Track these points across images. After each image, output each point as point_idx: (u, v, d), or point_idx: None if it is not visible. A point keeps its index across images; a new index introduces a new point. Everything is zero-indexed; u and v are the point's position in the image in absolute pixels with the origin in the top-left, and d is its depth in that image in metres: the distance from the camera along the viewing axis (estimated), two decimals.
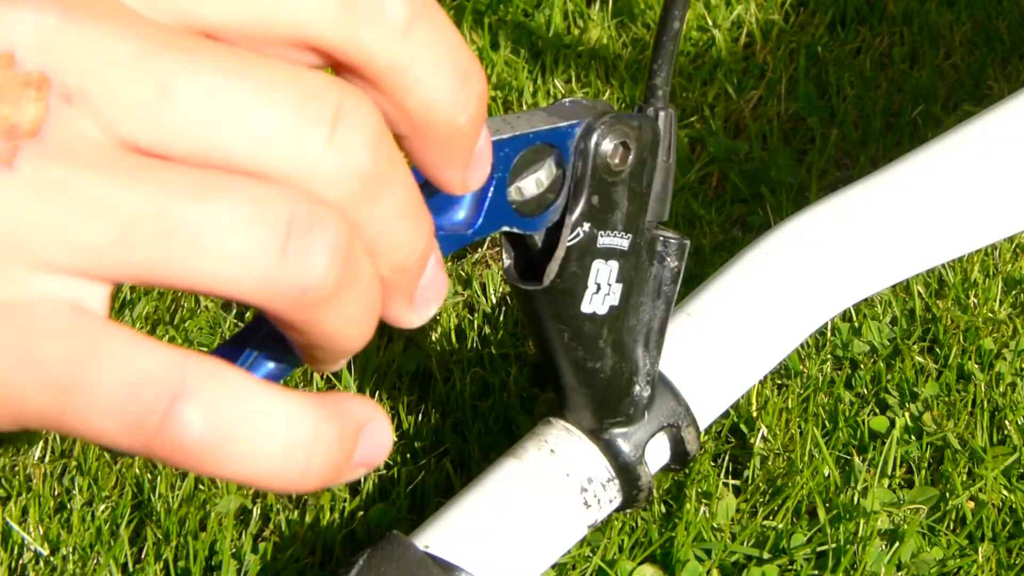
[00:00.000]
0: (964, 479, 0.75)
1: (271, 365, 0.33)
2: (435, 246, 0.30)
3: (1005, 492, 0.74)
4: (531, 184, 0.50)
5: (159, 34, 0.25)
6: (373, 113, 0.26)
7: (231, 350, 0.33)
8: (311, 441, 0.26)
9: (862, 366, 0.82)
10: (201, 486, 0.74)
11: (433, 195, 0.46)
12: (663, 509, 0.73)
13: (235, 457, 0.25)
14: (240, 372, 0.25)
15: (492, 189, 0.47)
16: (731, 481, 0.75)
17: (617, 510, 0.64)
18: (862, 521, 0.71)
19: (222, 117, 0.25)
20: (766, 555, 0.71)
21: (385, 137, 0.27)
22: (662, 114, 0.56)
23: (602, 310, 0.56)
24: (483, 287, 0.87)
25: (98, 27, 0.24)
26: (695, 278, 0.79)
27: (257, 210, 0.25)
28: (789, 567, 0.71)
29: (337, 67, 0.27)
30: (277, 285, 0.25)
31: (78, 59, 0.24)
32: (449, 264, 0.90)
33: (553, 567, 0.68)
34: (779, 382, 0.81)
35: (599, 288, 0.55)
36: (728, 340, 0.67)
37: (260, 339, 0.33)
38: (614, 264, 0.55)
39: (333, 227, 0.25)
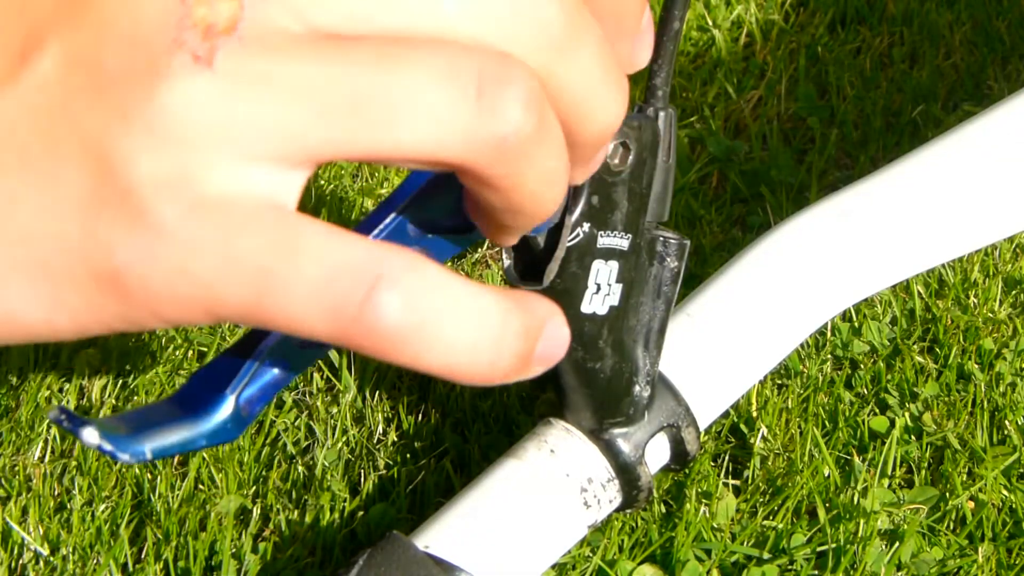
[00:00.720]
0: (964, 479, 0.75)
1: (274, 372, 0.33)
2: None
3: (1005, 492, 0.74)
4: None
5: None
6: None
7: (229, 361, 0.33)
8: (501, 332, 0.27)
9: (862, 366, 0.82)
10: (201, 486, 0.74)
11: (431, 198, 0.46)
12: (663, 509, 0.73)
13: (431, 345, 0.26)
14: (437, 265, 0.26)
15: None
16: (731, 481, 0.75)
17: (617, 510, 0.64)
18: (862, 521, 0.71)
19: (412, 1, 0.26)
20: (766, 555, 0.71)
21: None
22: (662, 114, 0.56)
23: (602, 310, 0.56)
24: None
25: None
26: (695, 278, 0.79)
27: (446, 69, 0.25)
28: (789, 567, 0.71)
29: None
30: (476, 137, 0.26)
31: None
32: (449, 264, 0.90)
33: (553, 567, 0.68)
34: (779, 382, 0.81)
35: (599, 288, 0.55)
36: (728, 340, 0.67)
37: (260, 352, 0.33)
38: (614, 264, 0.55)
39: (524, 78, 0.26)
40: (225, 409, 0.32)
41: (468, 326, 0.26)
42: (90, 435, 0.27)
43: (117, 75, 0.25)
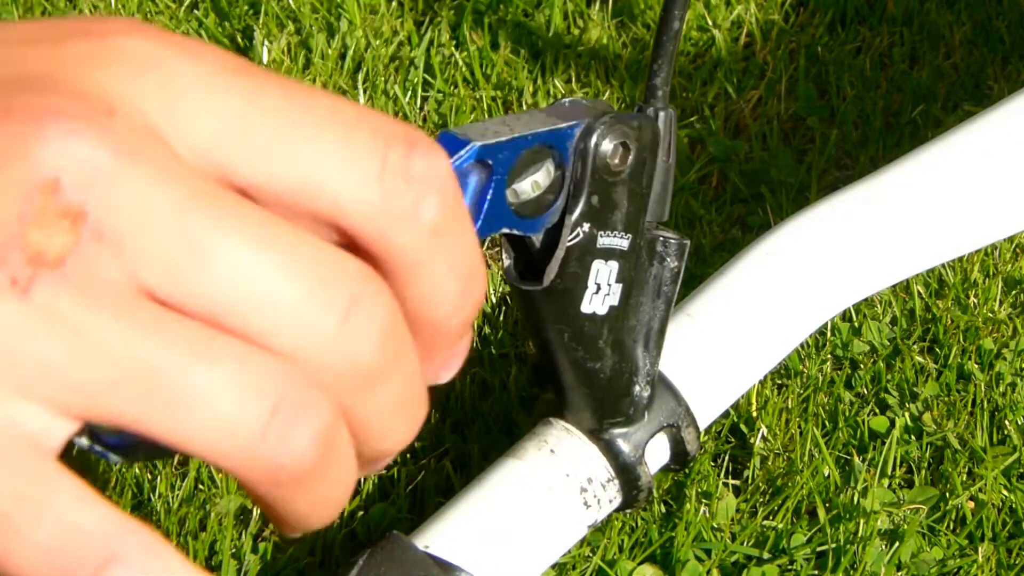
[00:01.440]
0: (964, 479, 0.75)
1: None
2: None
3: (1005, 492, 0.74)
4: (530, 186, 0.50)
5: (200, 189, 0.25)
6: (389, 307, 0.27)
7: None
8: None
9: (862, 366, 0.82)
10: (201, 486, 0.74)
11: None
12: (663, 509, 0.73)
13: None
14: (173, 551, 0.26)
15: (491, 191, 0.47)
16: (731, 481, 0.75)
17: (617, 510, 0.64)
18: (862, 521, 0.71)
19: (243, 285, 0.25)
20: (766, 555, 0.71)
21: (397, 332, 0.27)
22: (662, 114, 0.56)
23: (602, 310, 0.56)
24: None
25: (144, 173, 0.25)
26: (695, 278, 0.79)
27: (250, 380, 0.25)
28: (789, 567, 0.71)
29: (354, 247, 0.28)
30: (253, 458, 0.25)
31: (118, 201, 0.24)
32: None
33: (553, 567, 0.68)
34: (779, 382, 0.81)
35: (599, 288, 0.55)
36: (728, 340, 0.67)
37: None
38: (614, 264, 0.55)
39: (321, 413, 0.26)
40: None
41: None
42: (82, 438, 0.27)
43: None
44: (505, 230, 0.49)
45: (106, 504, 0.25)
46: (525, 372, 0.80)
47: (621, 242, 0.55)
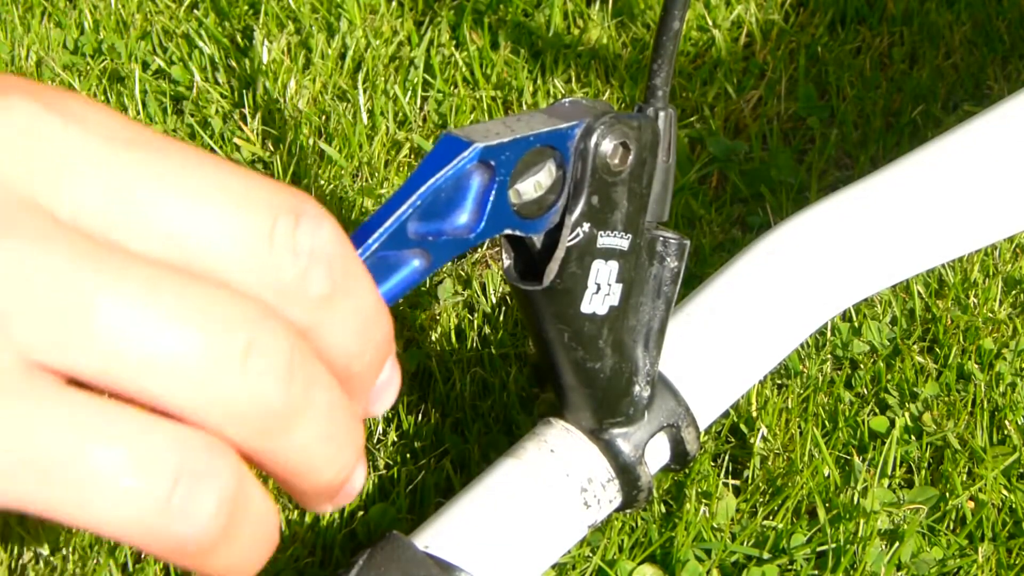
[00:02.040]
0: (964, 479, 0.75)
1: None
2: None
3: (1005, 492, 0.74)
4: (532, 186, 0.50)
5: (80, 252, 0.25)
6: (290, 343, 0.26)
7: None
8: None
9: (862, 366, 0.82)
10: None
11: (436, 199, 0.46)
12: (663, 509, 0.73)
13: None
14: None
15: (493, 193, 0.47)
16: (731, 481, 0.75)
17: (617, 510, 0.64)
18: (862, 521, 0.71)
19: (132, 343, 0.25)
20: (766, 555, 0.71)
21: (304, 366, 0.27)
22: (662, 114, 0.56)
23: (602, 310, 0.56)
24: (483, 287, 0.87)
25: (19, 247, 0.24)
26: (695, 278, 0.79)
27: (146, 456, 0.25)
28: (789, 567, 0.71)
29: None
30: (158, 533, 0.25)
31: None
32: (449, 264, 0.90)
33: (553, 567, 0.68)
34: (779, 382, 0.81)
35: (599, 288, 0.55)
36: (728, 340, 0.67)
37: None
38: (614, 264, 0.55)
39: (221, 479, 0.25)
40: None
41: None
42: None
43: None
44: (507, 231, 0.49)
45: None
46: (525, 372, 0.80)
47: (621, 242, 0.55)
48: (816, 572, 0.70)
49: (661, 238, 0.58)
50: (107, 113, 0.26)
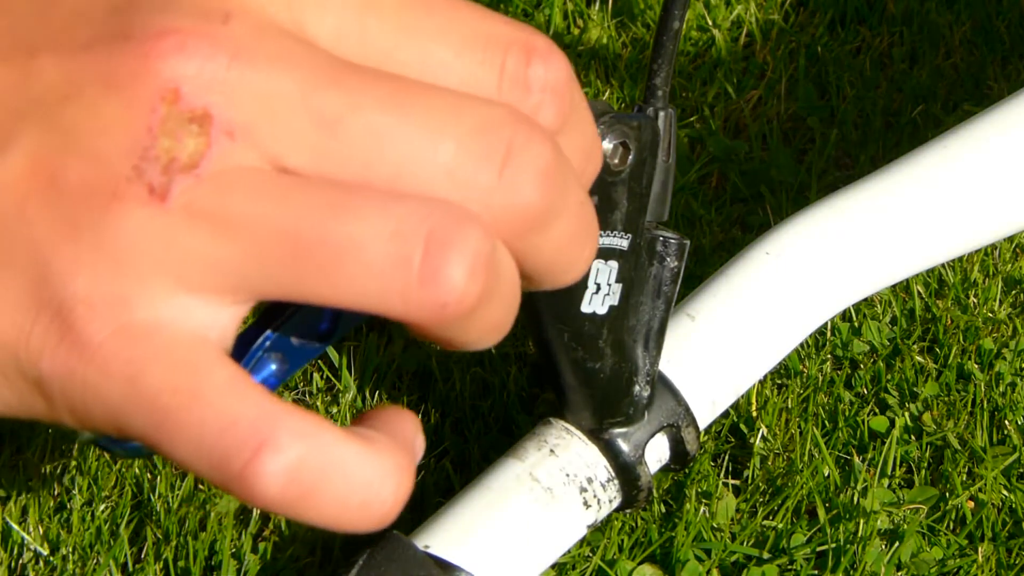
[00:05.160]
0: (964, 479, 0.75)
1: (271, 367, 0.33)
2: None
3: (1005, 492, 0.74)
4: None
5: (327, 67, 0.26)
6: (547, 146, 0.26)
7: (244, 335, 0.33)
8: (390, 489, 0.27)
9: (862, 366, 0.82)
10: (201, 486, 0.74)
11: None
12: (663, 509, 0.73)
13: (315, 508, 0.26)
14: (330, 429, 0.26)
15: None
16: (731, 481, 0.75)
17: (617, 510, 0.64)
18: (862, 521, 0.71)
19: (387, 153, 0.25)
20: (766, 555, 0.71)
21: (559, 168, 0.27)
22: (662, 114, 0.56)
23: (602, 310, 0.56)
24: None
25: (265, 64, 0.25)
26: (695, 278, 0.79)
27: (395, 225, 0.25)
28: (789, 567, 0.71)
29: None
30: (415, 300, 0.25)
31: (242, 97, 0.25)
32: None
33: (553, 567, 0.68)
34: (779, 382, 0.81)
35: (599, 288, 0.55)
36: (728, 340, 0.67)
37: (256, 350, 0.33)
38: (614, 264, 0.55)
39: (473, 242, 0.25)
40: None
41: (357, 490, 0.26)
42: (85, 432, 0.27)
43: (76, 187, 0.25)
44: None
45: (264, 394, 0.26)
46: (525, 372, 0.80)
47: (621, 242, 0.55)
48: (816, 572, 0.70)
49: (661, 238, 0.58)
50: None
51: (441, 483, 0.74)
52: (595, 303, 0.56)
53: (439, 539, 0.59)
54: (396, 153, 0.25)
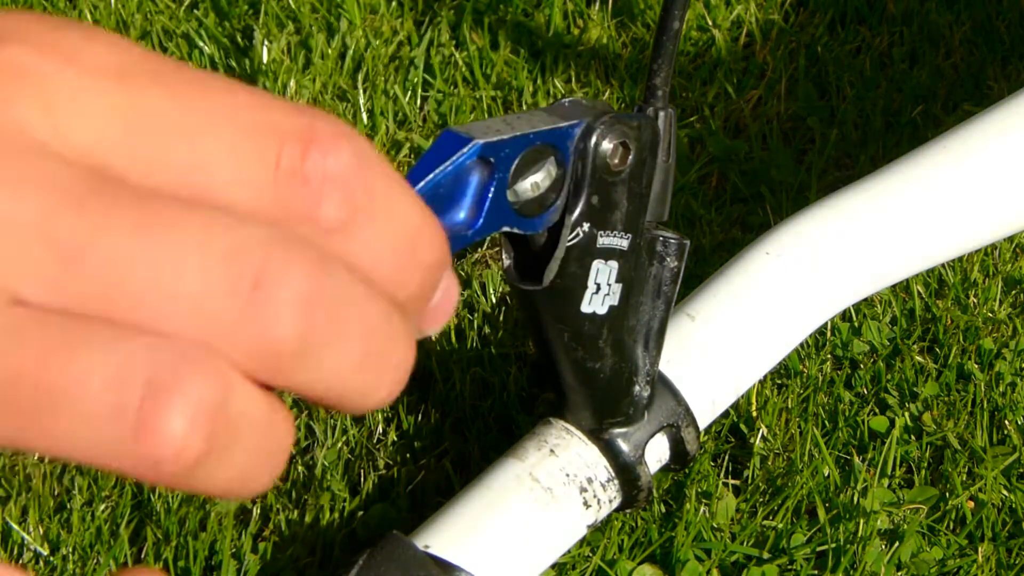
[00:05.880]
0: (964, 479, 0.75)
1: None
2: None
3: (1005, 492, 0.74)
4: (531, 185, 0.50)
5: (73, 189, 0.23)
6: (306, 272, 0.24)
7: None
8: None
9: (862, 366, 0.82)
10: None
11: (435, 195, 0.46)
12: (663, 509, 0.73)
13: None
14: None
15: (493, 190, 0.47)
16: (731, 481, 0.75)
17: (617, 510, 0.64)
18: (862, 521, 0.71)
19: (127, 284, 0.23)
20: (766, 555, 0.71)
21: (323, 296, 0.24)
22: (662, 114, 0.56)
23: (602, 310, 0.56)
24: (483, 287, 0.87)
25: (5, 191, 0.23)
26: (695, 278, 0.79)
27: (115, 370, 0.23)
28: (789, 567, 0.71)
29: None
30: (127, 456, 0.23)
31: None
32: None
33: (553, 567, 0.68)
34: (779, 382, 0.81)
35: (599, 288, 0.55)
36: (728, 340, 0.67)
37: None
38: (614, 264, 0.55)
39: (198, 391, 0.23)
40: None
41: None
42: None
43: None
44: (506, 228, 0.49)
45: None
46: (525, 372, 0.80)
47: (621, 242, 0.55)
48: (816, 572, 0.70)
49: (661, 238, 0.58)
50: (107, 43, 0.25)
51: (441, 483, 0.74)
52: (595, 303, 0.56)
53: (439, 539, 0.59)
54: (137, 285, 0.23)
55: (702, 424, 0.65)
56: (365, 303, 0.25)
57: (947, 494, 0.74)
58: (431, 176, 0.46)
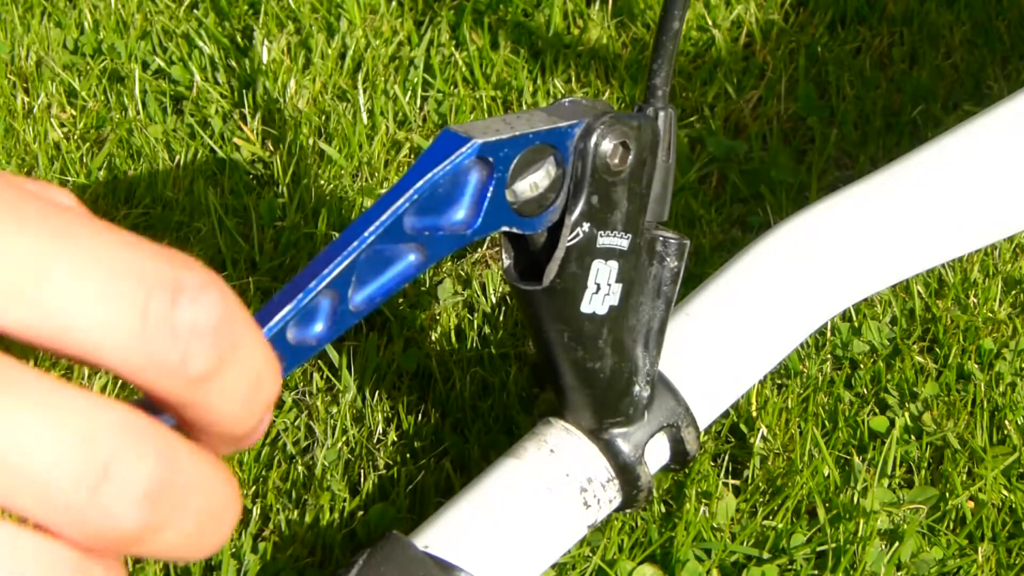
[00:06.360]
0: (964, 479, 0.75)
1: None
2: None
3: (1005, 492, 0.74)
4: (530, 184, 0.50)
5: None
6: (153, 461, 0.24)
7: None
8: None
9: (862, 366, 0.82)
10: None
11: (434, 194, 0.46)
12: (663, 509, 0.73)
13: None
14: None
15: (492, 189, 0.47)
16: (731, 481, 0.75)
17: (617, 510, 0.64)
18: (862, 521, 0.71)
19: None
20: (766, 555, 0.71)
21: (172, 480, 0.25)
22: (662, 114, 0.56)
23: (602, 310, 0.56)
24: (483, 287, 0.87)
25: None
26: (695, 278, 0.79)
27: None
28: (789, 567, 0.71)
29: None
30: None
31: None
32: (449, 264, 0.90)
33: (553, 567, 0.68)
34: (779, 382, 0.81)
35: (599, 288, 0.55)
36: (728, 340, 0.67)
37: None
38: (614, 264, 0.55)
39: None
40: None
41: None
42: None
43: None
44: (505, 228, 0.49)
45: None
46: (525, 372, 0.80)
47: (621, 242, 0.55)
48: (816, 572, 0.70)
49: (661, 238, 0.58)
50: None
51: (441, 483, 0.74)
52: (595, 303, 0.56)
53: (439, 539, 0.59)
54: None
55: (702, 424, 0.65)
56: (203, 481, 0.25)
57: (947, 494, 0.74)
58: (429, 176, 0.46)
